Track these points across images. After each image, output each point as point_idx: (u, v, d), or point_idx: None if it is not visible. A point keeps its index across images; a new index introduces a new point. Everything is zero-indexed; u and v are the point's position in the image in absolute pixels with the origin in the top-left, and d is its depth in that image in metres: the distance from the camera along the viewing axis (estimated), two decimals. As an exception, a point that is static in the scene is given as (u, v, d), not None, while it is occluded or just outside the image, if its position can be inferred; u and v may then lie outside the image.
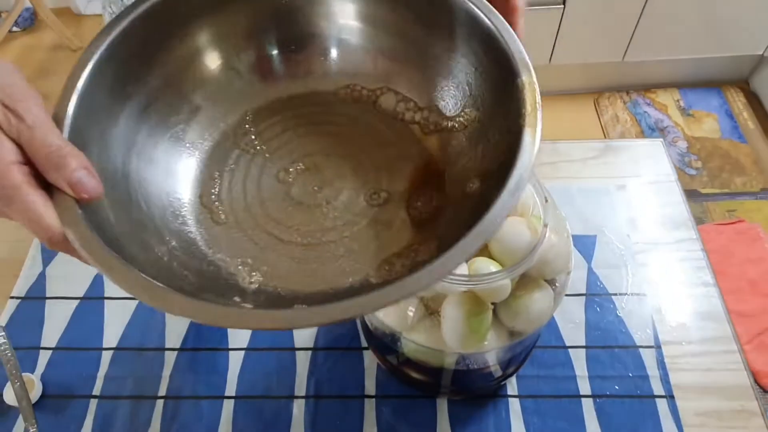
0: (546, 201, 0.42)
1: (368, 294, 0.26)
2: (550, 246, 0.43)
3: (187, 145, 0.39)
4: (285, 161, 0.40)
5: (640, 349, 0.58)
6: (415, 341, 0.44)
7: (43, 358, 0.59)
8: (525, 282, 0.44)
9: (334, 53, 0.41)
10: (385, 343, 0.49)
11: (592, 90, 1.89)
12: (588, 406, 0.55)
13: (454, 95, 0.39)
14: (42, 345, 0.60)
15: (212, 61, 0.40)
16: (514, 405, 0.55)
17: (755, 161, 1.69)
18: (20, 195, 0.27)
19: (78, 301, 0.63)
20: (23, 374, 0.57)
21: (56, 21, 2.06)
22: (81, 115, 0.32)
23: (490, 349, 0.45)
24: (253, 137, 0.40)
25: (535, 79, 0.33)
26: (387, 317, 0.44)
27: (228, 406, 0.56)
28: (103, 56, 0.34)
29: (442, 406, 0.55)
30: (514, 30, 0.34)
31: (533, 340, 0.53)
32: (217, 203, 0.38)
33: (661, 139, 0.73)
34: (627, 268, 0.63)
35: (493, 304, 0.43)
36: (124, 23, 0.34)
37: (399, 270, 0.34)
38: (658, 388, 0.55)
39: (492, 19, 0.35)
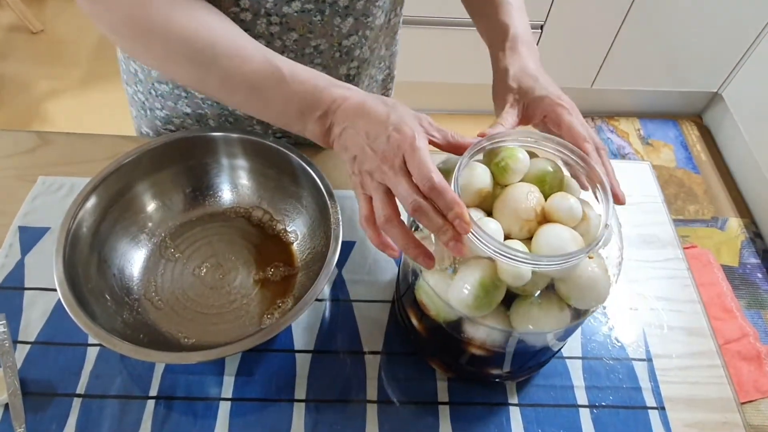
0: (606, 227, 0.41)
1: (254, 335, 0.48)
2: (587, 275, 0.42)
3: (140, 243, 0.61)
4: (197, 262, 0.61)
5: (633, 362, 0.60)
6: (428, 283, 0.45)
7: (21, 352, 0.55)
8: (549, 296, 0.44)
9: (225, 189, 0.66)
10: (407, 282, 0.52)
11: (560, 114, 1.96)
12: (585, 416, 0.56)
13: (298, 211, 0.63)
14: (19, 339, 0.56)
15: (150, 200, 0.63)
16: (515, 413, 0.56)
17: (706, 191, 1.79)
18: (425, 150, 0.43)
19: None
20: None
21: (17, 0, 1.95)
22: (85, 214, 0.56)
23: (482, 323, 0.44)
24: (172, 250, 0.62)
25: (336, 202, 0.56)
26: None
27: (224, 408, 0.54)
28: (97, 185, 0.57)
29: (444, 412, 0.55)
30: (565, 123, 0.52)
31: (537, 354, 0.54)
32: (156, 297, 0.58)
33: (649, 162, 0.77)
34: (619, 284, 0.66)
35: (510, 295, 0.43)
36: (111, 169, 0.58)
37: (276, 316, 0.58)
38: (650, 400, 0.57)
39: (312, 168, 0.59)
